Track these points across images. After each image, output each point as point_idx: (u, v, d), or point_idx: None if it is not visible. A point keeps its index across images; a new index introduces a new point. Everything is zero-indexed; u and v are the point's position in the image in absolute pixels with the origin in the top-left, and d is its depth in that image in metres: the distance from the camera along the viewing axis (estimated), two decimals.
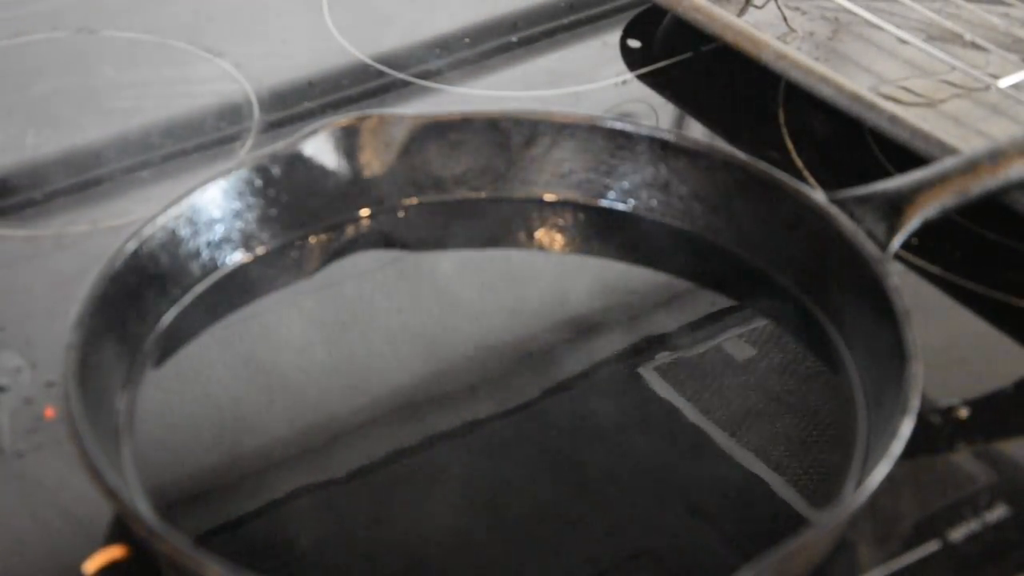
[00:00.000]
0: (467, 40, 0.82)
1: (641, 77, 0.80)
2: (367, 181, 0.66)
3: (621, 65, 0.81)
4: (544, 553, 0.55)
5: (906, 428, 0.53)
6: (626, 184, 0.67)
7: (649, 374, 0.61)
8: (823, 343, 0.61)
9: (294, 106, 0.77)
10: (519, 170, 0.67)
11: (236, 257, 0.64)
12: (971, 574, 0.55)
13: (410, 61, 0.80)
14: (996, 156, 0.62)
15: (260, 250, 0.64)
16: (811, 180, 0.72)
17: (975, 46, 0.78)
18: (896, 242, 0.61)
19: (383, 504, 0.56)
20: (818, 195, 0.63)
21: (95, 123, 0.75)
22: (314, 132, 0.65)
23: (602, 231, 0.67)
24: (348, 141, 0.66)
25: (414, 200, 0.67)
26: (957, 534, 0.56)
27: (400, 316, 0.64)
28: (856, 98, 0.72)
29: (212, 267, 0.63)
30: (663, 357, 0.62)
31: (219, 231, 0.63)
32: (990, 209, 0.67)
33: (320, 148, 0.65)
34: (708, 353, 0.62)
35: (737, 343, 0.62)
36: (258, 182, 0.64)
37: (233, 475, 0.57)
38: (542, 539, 0.55)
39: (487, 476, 0.57)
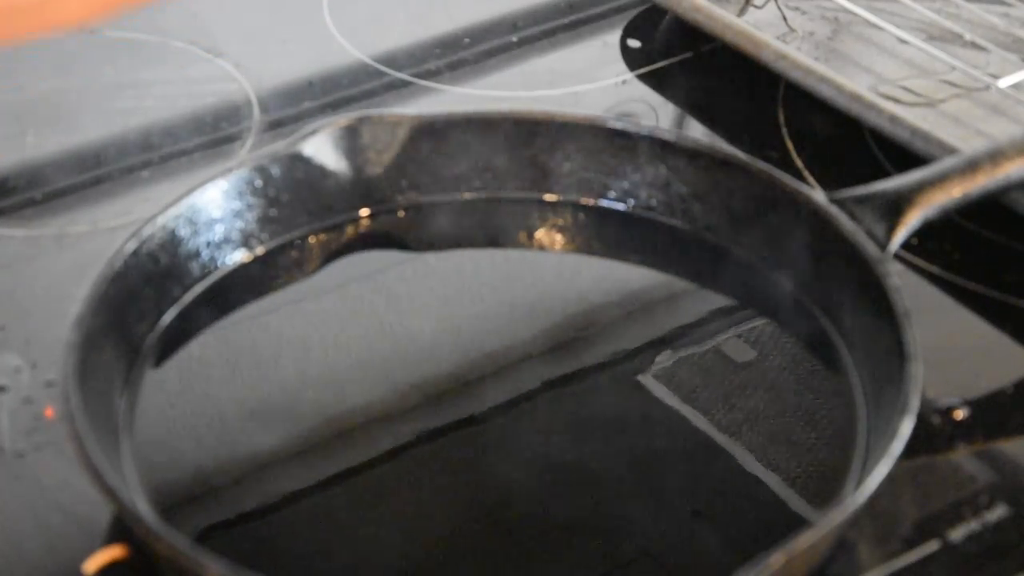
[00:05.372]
0: (467, 40, 0.82)
1: (641, 77, 0.80)
2: (367, 181, 0.66)
3: (621, 65, 0.81)
4: (544, 554, 0.55)
5: (906, 428, 0.53)
6: (626, 184, 0.67)
7: (649, 374, 0.61)
8: (823, 343, 0.61)
9: (294, 106, 0.77)
10: (519, 170, 0.67)
11: (236, 257, 0.64)
12: (971, 574, 0.55)
13: (410, 61, 0.80)
14: (996, 156, 0.63)
15: (260, 250, 0.64)
16: (811, 180, 0.72)
17: (975, 46, 0.78)
18: (896, 242, 0.61)
19: (383, 504, 0.56)
20: (818, 195, 0.63)
21: (95, 123, 0.75)
22: (314, 132, 0.65)
23: (602, 231, 0.67)
24: (348, 141, 0.66)
25: (414, 200, 0.67)
26: (957, 534, 0.56)
27: (400, 316, 0.64)
28: (856, 98, 0.72)
29: (212, 267, 0.63)
30: (663, 357, 0.62)
31: (219, 231, 0.63)
32: (990, 209, 0.67)
33: (320, 148, 0.65)
34: (708, 353, 0.62)
35: (737, 343, 0.62)
36: (258, 182, 0.64)
37: (233, 475, 0.57)
38: (542, 540, 0.55)
39: (487, 476, 0.57)
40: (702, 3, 0.78)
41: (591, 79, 0.79)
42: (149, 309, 0.60)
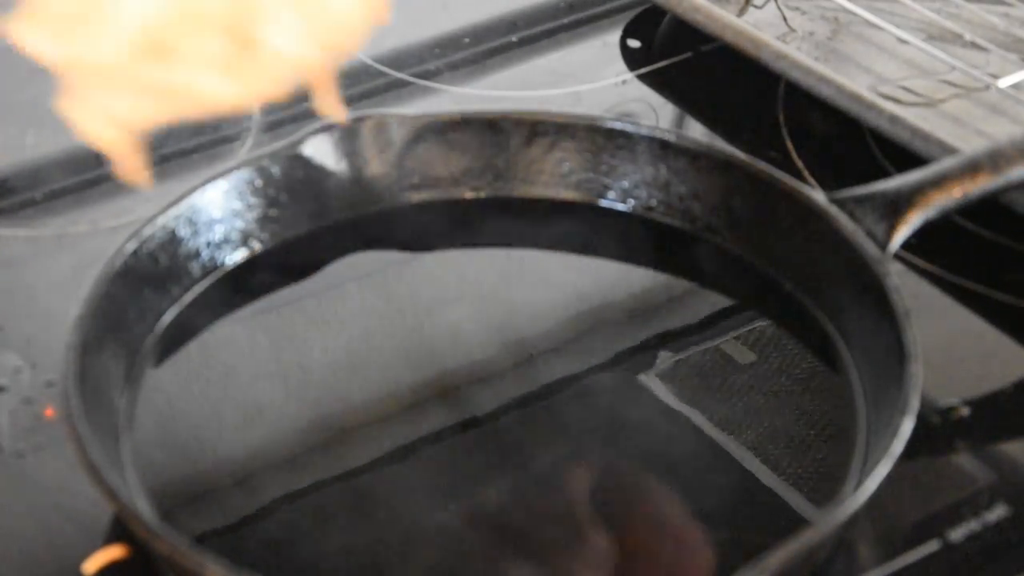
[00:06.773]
0: (467, 40, 0.82)
1: (641, 77, 0.80)
2: (367, 181, 0.66)
3: (621, 65, 0.81)
4: (543, 554, 0.55)
5: (906, 428, 0.53)
6: (626, 184, 0.67)
7: (649, 374, 0.61)
8: (823, 343, 0.61)
9: (294, 106, 0.77)
10: (519, 170, 0.67)
11: (236, 257, 0.64)
12: (971, 574, 0.55)
13: (410, 61, 0.80)
14: (996, 156, 0.62)
15: (260, 250, 0.64)
16: (811, 180, 0.72)
17: (975, 46, 0.78)
18: (896, 242, 0.61)
19: (382, 504, 0.56)
20: (818, 195, 0.63)
21: None
22: (314, 132, 0.65)
23: (602, 231, 0.67)
24: (348, 141, 0.66)
25: (414, 200, 0.67)
26: (957, 534, 0.56)
27: (400, 316, 0.64)
28: (856, 98, 0.72)
29: (212, 267, 0.63)
30: (663, 357, 0.62)
31: (219, 231, 0.63)
32: (990, 209, 0.67)
33: (320, 148, 0.65)
34: (708, 353, 0.62)
35: (737, 343, 0.62)
36: (258, 182, 0.64)
37: (233, 475, 0.57)
38: (542, 539, 0.55)
39: (487, 476, 0.57)
40: (702, 3, 0.78)
41: (591, 79, 0.79)
42: (149, 309, 0.60)
